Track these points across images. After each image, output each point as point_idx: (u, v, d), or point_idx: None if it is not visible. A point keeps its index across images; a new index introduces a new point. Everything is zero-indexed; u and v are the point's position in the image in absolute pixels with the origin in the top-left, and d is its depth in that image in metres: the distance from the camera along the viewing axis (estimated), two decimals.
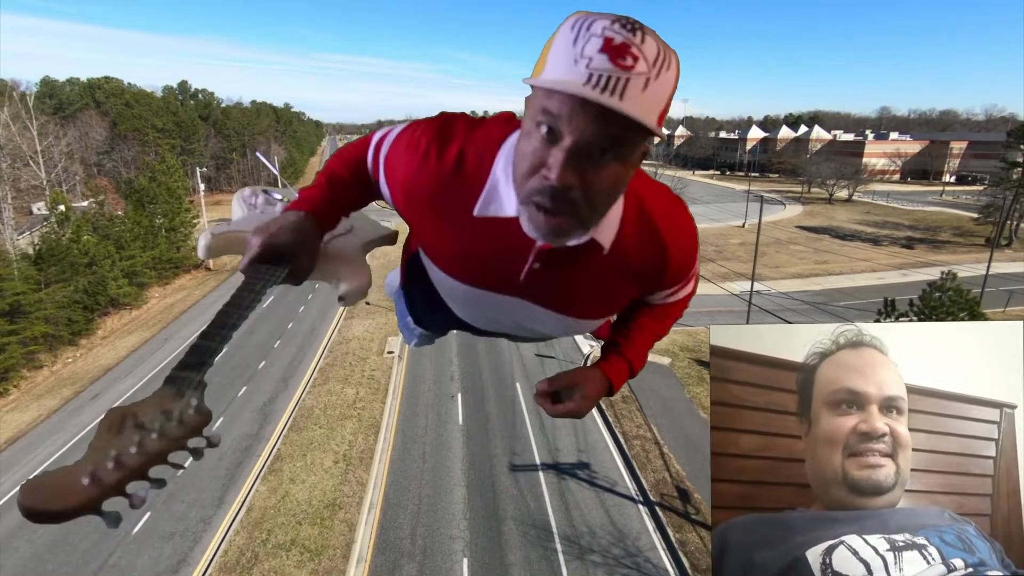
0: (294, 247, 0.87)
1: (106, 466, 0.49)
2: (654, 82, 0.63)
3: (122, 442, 0.52)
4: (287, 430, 15.58)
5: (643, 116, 0.63)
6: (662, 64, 0.64)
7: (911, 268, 32.88)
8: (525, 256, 0.84)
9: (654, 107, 0.65)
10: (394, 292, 1.47)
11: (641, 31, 0.63)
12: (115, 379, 19.89)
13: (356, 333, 22.54)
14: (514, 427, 15.59)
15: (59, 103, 57.34)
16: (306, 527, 11.79)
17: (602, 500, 12.43)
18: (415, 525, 11.81)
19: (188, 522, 11.97)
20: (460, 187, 0.83)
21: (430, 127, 0.87)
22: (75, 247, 24.96)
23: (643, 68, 0.62)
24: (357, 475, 13.50)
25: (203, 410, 0.58)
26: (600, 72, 0.61)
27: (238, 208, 1.30)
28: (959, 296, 14.73)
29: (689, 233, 0.91)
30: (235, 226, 1.09)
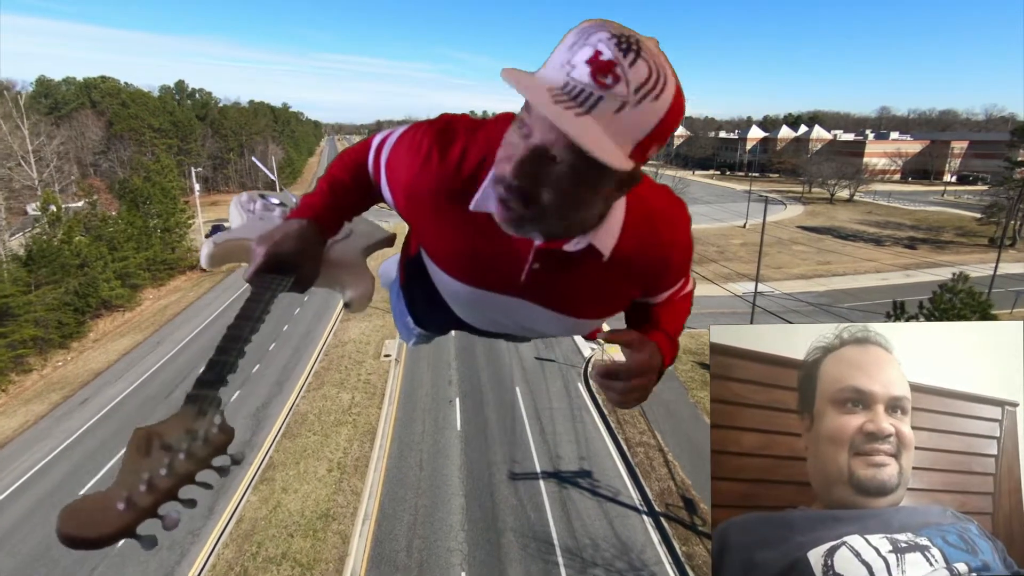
0: (298, 255, 0.89)
1: (139, 490, 0.50)
2: (632, 108, 0.60)
3: (152, 464, 0.53)
4: (280, 436, 15.15)
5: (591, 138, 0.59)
6: (648, 92, 0.61)
7: (915, 269, 32.57)
8: (524, 256, 0.84)
9: (625, 133, 0.62)
10: (388, 283, 1.47)
11: (635, 53, 0.60)
12: (105, 383, 19.44)
13: (352, 336, 22.11)
14: (514, 433, 15.17)
15: (54, 103, 56.87)
16: (298, 539, 11.36)
17: (605, 510, 12.01)
18: (411, 537, 11.38)
19: (176, 534, 11.44)
20: (461, 188, 0.82)
21: (431, 129, 0.87)
22: (66, 248, 24.49)
23: (621, 91, 0.60)
24: (352, 484, 13.07)
25: (226, 428, 0.60)
26: (576, 83, 0.61)
27: (236, 214, 1.27)
28: (971, 298, 14.35)
29: (687, 232, 0.91)
30: (236, 234, 1.10)
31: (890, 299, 25.04)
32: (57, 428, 16.49)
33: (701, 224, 44.20)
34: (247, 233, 1.03)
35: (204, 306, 27.44)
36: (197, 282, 31.83)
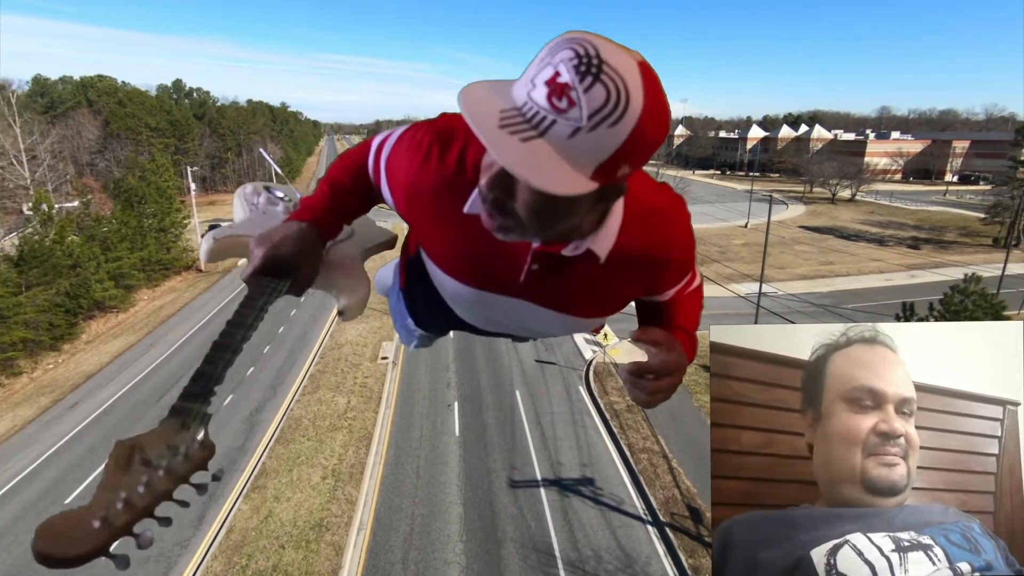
0: (297, 258, 0.89)
1: (116, 507, 0.50)
2: (586, 133, 0.59)
3: (131, 481, 0.52)
4: (273, 442, 14.73)
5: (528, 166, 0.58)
6: (604, 118, 0.58)
7: (919, 269, 32.22)
8: (523, 258, 0.84)
9: (581, 157, 0.60)
10: (386, 290, 1.47)
11: (594, 77, 0.57)
12: (97, 386, 19.02)
13: (349, 338, 21.71)
14: (513, 438, 14.77)
15: (50, 101, 56.41)
16: (289, 551, 10.95)
17: (608, 520, 11.61)
18: (407, 548, 10.97)
19: (163, 544, 11.10)
20: (461, 188, 0.82)
21: (431, 128, 0.87)
22: (59, 248, 24.06)
23: (575, 115, 0.58)
24: (346, 492, 12.66)
25: (207, 444, 0.59)
26: (533, 104, 0.60)
27: (239, 207, 1.25)
28: (983, 299, 13.95)
29: (687, 229, 0.90)
30: (237, 230, 1.07)
31: (895, 300, 24.71)
32: (45, 433, 16.07)
33: (703, 224, 43.86)
34: (248, 229, 1.03)
35: (199, 307, 27.03)
36: (193, 282, 31.42)
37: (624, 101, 0.58)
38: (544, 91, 0.59)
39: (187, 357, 20.59)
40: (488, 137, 0.59)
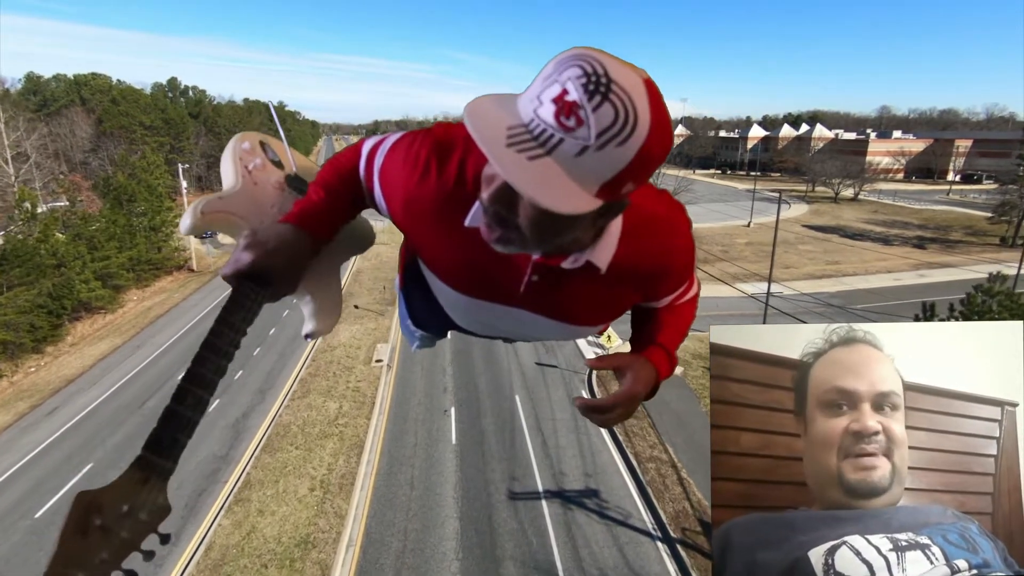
0: (287, 268, 0.86)
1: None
2: (594, 151, 0.58)
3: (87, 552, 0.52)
4: (259, 451, 13.96)
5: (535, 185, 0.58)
6: (612, 138, 0.57)
7: (927, 268, 31.56)
8: (523, 269, 0.83)
9: (588, 175, 0.59)
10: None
11: (602, 96, 0.56)
12: (78, 390, 18.24)
13: (342, 340, 20.92)
14: (513, 446, 14.01)
15: (43, 99, 55.56)
16: (272, 570, 10.17)
17: (615, 536, 10.84)
18: (399, 567, 10.20)
19: (134, 562, 10.31)
20: (462, 201, 0.81)
21: (427, 140, 0.85)
22: (43, 247, 23.27)
23: (583, 134, 0.57)
24: (335, 505, 11.89)
25: (163, 505, 0.58)
26: (540, 122, 0.59)
27: (230, 167, 1.10)
28: (1010, 300, 13.22)
29: (687, 236, 0.89)
30: (226, 205, 1.00)
31: (904, 300, 24.02)
32: (21, 440, 15.30)
33: (704, 223, 43.15)
34: (237, 206, 1.00)
35: (189, 307, 26.27)
36: (183, 283, 30.64)
37: (632, 120, 0.57)
38: (551, 109, 0.58)
39: (174, 360, 19.82)
40: (496, 156, 0.58)
